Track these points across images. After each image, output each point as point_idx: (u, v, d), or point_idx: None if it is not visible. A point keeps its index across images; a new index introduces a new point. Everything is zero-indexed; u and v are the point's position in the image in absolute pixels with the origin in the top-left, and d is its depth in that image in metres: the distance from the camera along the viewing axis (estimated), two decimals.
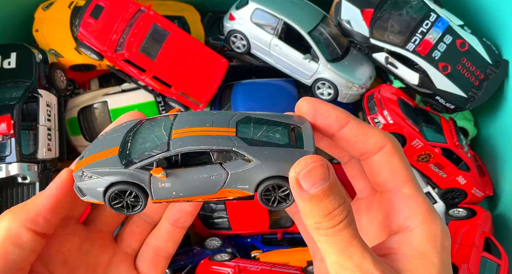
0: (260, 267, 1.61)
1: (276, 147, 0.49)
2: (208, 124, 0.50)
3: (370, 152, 0.52)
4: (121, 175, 0.49)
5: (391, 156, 0.51)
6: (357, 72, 1.85)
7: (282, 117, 0.54)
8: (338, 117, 0.52)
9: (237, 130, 0.50)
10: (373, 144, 0.51)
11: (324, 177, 0.45)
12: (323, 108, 0.52)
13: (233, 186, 0.49)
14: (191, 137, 0.49)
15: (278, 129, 0.51)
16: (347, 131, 0.52)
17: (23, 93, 1.62)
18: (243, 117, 0.52)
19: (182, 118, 0.52)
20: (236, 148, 0.48)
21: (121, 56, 1.73)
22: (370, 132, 0.51)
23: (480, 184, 1.80)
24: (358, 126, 0.51)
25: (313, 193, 0.44)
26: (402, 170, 0.51)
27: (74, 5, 1.88)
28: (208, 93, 1.86)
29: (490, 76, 1.71)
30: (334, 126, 0.52)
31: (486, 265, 1.50)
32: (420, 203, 0.49)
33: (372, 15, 1.69)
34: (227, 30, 1.89)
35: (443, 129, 1.79)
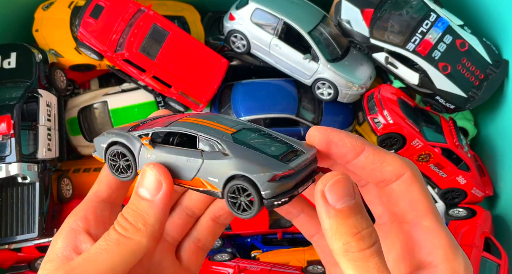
0: (260, 267, 1.61)
1: (259, 152, 0.48)
2: (216, 121, 0.52)
3: (388, 180, 0.49)
4: (122, 137, 0.54)
5: (411, 185, 0.48)
6: (357, 72, 1.85)
7: (292, 140, 0.53)
8: (353, 146, 0.49)
9: (236, 131, 0.50)
10: (391, 172, 0.48)
11: (350, 192, 0.43)
12: (336, 137, 0.50)
13: (205, 176, 0.49)
14: (191, 123, 0.51)
15: (279, 145, 0.51)
16: (363, 159, 0.49)
17: (23, 93, 1.62)
18: (254, 128, 0.53)
19: (201, 114, 0.56)
20: (220, 140, 0.48)
21: (121, 56, 1.73)
22: (387, 160, 0.48)
23: (480, 184, 1.80)
24: (374, 153, 0.49)
25: (340, 208, 0.42)
26: (422, 200, 0.48)
27: (74, 5, 1.88)
28: (208, 93, 1.86)
29: (490, 76, 1.71)
30: (349, 155, 0.49)
31: (486, 265, 1.50)
32: (442, 237, 0.46)
33: (372, 15, 1.69)
34: (227, 30, 1.89)
35: (443, 129, 1.79)
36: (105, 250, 0.47)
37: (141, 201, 0.49)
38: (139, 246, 0.48)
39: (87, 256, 0.47)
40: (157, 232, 0.49)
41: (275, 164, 0.47)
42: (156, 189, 0.49)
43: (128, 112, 1.92)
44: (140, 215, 0.48)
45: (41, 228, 1.59)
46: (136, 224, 0.48)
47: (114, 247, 0.47)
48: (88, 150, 1.95)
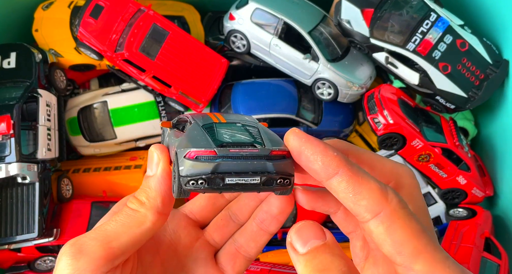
0: (260, 267, 1.61)
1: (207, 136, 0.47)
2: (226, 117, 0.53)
3: (363, 216, 0.41)
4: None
5: (391, 225, 0.40)
6: (357, 72, 1.85)
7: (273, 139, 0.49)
8: (325, 165, 0.42)
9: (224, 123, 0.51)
10: (364, 207, 0.41)
11: (318, 236, 0.40)
12: (309, 150, 0.43)
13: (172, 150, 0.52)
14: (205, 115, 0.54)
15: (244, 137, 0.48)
16: (335, 184, 0.42)
17: (22, 93, 1.62)
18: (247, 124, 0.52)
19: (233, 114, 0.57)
20: (194, 122, 0.50)
21: (121, 56, 1.73)
22: (362, 192, 0.41)
23: (480, 184, 1.80)
24: (348, 181, 0.41)
25: (305, 251, 0.40)
26: (408, 241, 0.40)
27: (73, 5, 1.87)
28: (208, 93, 1.86)
29: (490, 76, 1.71)
30: (320, 174, 0.43)
31: (486, 265, 1.50)
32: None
33: (372, 15, 1.69)
34: (227, 30, 1.89)
35: (443, 129, 1.78)
36: (114, 220, 0.50)
37: (147, 179, 0.52)
38: (144, 218, 0.50)
39: (101, 224, 0.51)
40: (160, 205, 0.50)
41: (203, 144, 0.45)
42: (156, 165, 0.51)
43: (128, 112, 1.92)
44: (144, 190, 0.51)
45: (41, 228, 1.59)
46: (141, 198, 0.51)
47: (122, 218, 0.50)
48: (88, 150, 1.95)
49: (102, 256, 0.47)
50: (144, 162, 1.90)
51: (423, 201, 0.46)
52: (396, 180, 0.48)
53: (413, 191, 0.47)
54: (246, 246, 0.61)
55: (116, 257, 0.48)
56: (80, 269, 0.46)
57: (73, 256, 0.46)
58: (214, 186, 0.44)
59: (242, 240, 0.61)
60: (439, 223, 1.83)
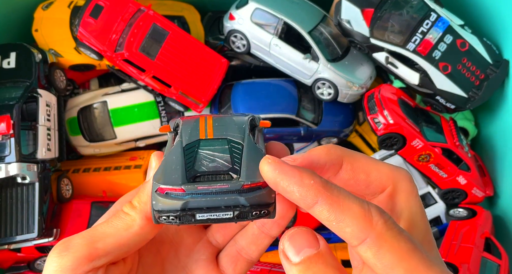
0: (260, 267, 1.61)
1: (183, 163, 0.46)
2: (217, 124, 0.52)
3: (350, 243, 0.40)
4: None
5: (379, 250, 0.39)
6: (357, 72, 1.85)
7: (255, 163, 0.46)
8: (302, 196, 0.41)
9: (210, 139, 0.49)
10: (350, 234, 0.39)
11: (311, 244, 0.39)
12: (284, 182, 0.41)
13: None
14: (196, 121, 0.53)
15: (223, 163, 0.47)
16: (317, 213, 0.41)
17: (22, 93, 1.62)
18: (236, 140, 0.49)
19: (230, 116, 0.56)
20: (179, 141, 0.49)
21: (120, 56, 1.73)
22: (344, 219, 0.39)
23: (480, 184, 1.80)
24: (329, 210, 0.40)
25: (299, 261, 0.39)
26: (398, 263, 0.39)
27: (73, 4, 1.87)
28: (208, 93, 1.86)
29: (490, 76, 1.71)
30: (300, 204, 0.42)
31: (487, 265, 1.50)
32: None
33: (372, 15, 1.69)
34: (227, 30, 1.89)
35: (443, 129, 1.78)
36: (107, 221, 0.50)
37: (144, 184, 0.51)
38: (132, 222, 0.49)
39: (95, 224, 0.51)
40: (150, 210, 0.49)
41: (175, 177, 0.44)
42: (153, 170, 0.52)
43: (128, 112, 1.92)
44: (138, 194, 0.51)
45: (41, 228, 1.59)
46: (133, 202, 0.50)
47: (113, 219, 0.50)
48: (88, 150, 1.94)
49: (84, 255, 0.47)
50: (144, 162, 1.90)
51: (420, 206, 0.45)
52: (393, 185, 0.47)
53: (409, 196, 0.45)
54: (248, 248, 0.60)
55: (98, 257, 0.48)
56: (63, 266, 0.47)
57: (59, 253, 0.48)
58: (186, 221, 0.44)
59: (243, 243, 0.60)
60: (439, 223, 1.83)
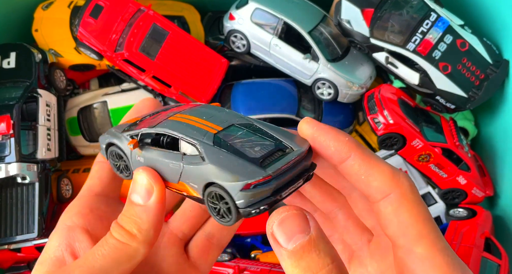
0: (260, 267, 1.61)
1: (236, 156, 0.45)
2: (205, 117, 0.50)
3: (374, 197, 0.43)
4: (116, 138, 0.54)
5: (399, 207, 0.42)
6: (357, 72, 1.85)
7: (286, 135, 0.49)
8: (337, 150, 0.44)
9: (222, 130, 0.48)
10: (375, 188, 0.42)
11: (302, 228, 0.38)
12: (321, 137, 0.45)
13: (187, 182, 0.48)
14: (178, 122, 0.49)
15: (265, 143, 0.47)
16: (348, 167, 0.44)
17: (22, 93, 1.62)
18: (245, 122, 0.50)
19: (199, 108, 0.54)
20: (199, 143, 0.46)
21: (120, 56, 1.73)
22: (373, 174, 0.42)
23: (480, 184, 1.80)
24: (360, 164, 0.43)
25: (291, 249, 0.38)
26: (413, 223, 0.42)
27: (73, 4, 1.87)
28: (208, 93, 1.86)
29: (490, 76, 1.71)
30: (333, 159, 0.44)
31: (487, 265, 1.50)
32: (437, 266, 0.41)
33: (372, 15, 1.69)
34: (227, 30, 1.89)
35: (443, 129, 1.78)
36: (101, 256, 0.45)
37: (134, 207, 0.47)
38: (135, 253, 0.46)
39: (83, 262, 0.46)
40: (153, 238, 0.47)
41: (250, 170, 0.43)
42: (147, 194, 0.47)
43: None
44: (134, 221, 0.47)
45: (41, 228, 1.59)
46: (131, 230, 0.47)
47: (111, 253, 0.45)
48: (88, 150, 1.94)
49: None
50: None
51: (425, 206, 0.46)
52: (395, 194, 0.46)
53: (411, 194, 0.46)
54: (219, 235, 0.59)
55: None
56: None
57: None
58: (274, 203, 0.45)
59: (214, 230, 0.59)
60: (439, 223, 1.83)
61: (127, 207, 0.48)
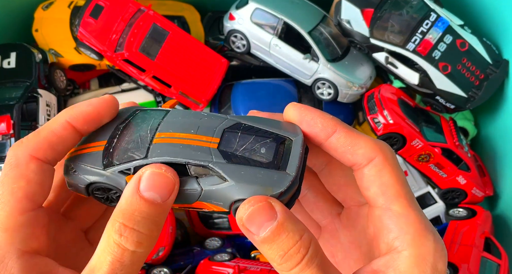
0: (260, 267, 1.61)
1: (255, 167, 0.46)
2: (192, 130, 0.48)
3: (360, 164, 0.48)
4: (100, 176, 0.49)
5: (382, 169, 0.47)
6: (357, 72, 1.85)
7: (275, 125, 0.50)
8: (324, 126, 0.48)
9: (221, 141, 0.48)
10: (361, 155, 0.47)
11: (269, 217, 0.42)
12: (308, 115, 0.49)
13: (208, 201, 0.48)
14: (170, 145, 0.47)
15: (266, 141, 0.48)
16: (334, 140, 0.48)
17: (22, 93, 1.62)
18: (233, 124, 0.50)
19: (170, 118, 0.51)
20: (212, 164, 0.46)
21: (121, 56, 1.73)
22: (359, 143, 0.47)
23: (480, 184, 1.80)
24: (346, 136, 0.47)
25: (263, 237, 0.42)
26: (393, 184, 0.47)
27: (73, 5, 1.87)
28: (208, 93, 1.86)
29: (490, 76, 1.71)
30: (321, 135, 0.48)
31: (486, 265, 1.50)
32: (411, 222, 0.45)
33: (372, 15, 1.69)
34: (227, 30, 1.89)
35: (443, 129, 1.78)
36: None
37: (150, 206, 0.44)
38: (148, 254, 0.45)
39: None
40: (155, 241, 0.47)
41: (276, 178, 0.45)
42: (168, 191, 0.46)
43: None
44: (153, 222, 0.44)
45: None
46: (151, 234, 0.44)
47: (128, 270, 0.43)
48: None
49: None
50: None
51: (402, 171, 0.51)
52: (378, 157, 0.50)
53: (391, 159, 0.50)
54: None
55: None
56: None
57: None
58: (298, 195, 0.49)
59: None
60: (439, 223, 1.83)
61: (139, 207, 0.44)
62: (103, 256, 0.43)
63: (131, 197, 0.44)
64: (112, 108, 0.53)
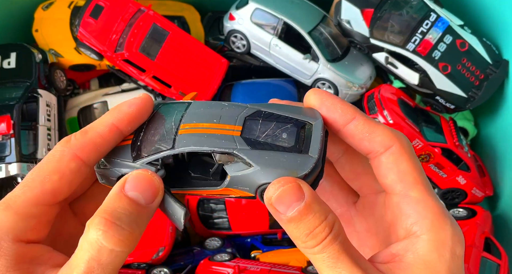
0: (260, 267, 1.61)
1: (278, 151, 0.47)
2: (215, 120, 0.50)
3: (377, 151, 0.48)
4: (130, 168, 0.50)
5: (399, 157, 0.47)
6: (357, 72, 1.85)
7: (295, 111, 0.52)
8: (343, 112, 0.49)
9: (243, 128, 0.49)
10: (379, 143, 0.48)
11: (297, 197, 0.43)
12: (329, 100, 0.50)
13: (235, 187, 0.49)
14: (195, 135, 0.48)
15: (287, 127, 0.49)
16: (352, 127, 0.49)
17: (22, 93, 1.62)
18: (253, 112, 0.52)
19: (193, 110, 0.52)
20: (237, 151, 0.47)
21: (121, 56, 1.73)
22: (376, 130, 0.48)
23: (480, 184, 1.80)
24: (364, 123, 0.48)
25: (290, 216, 0.43)
26: (410, 171, 0.47)
27: (74, 5, 1.88)
28: (208, 93, 1.86)
29: (490, 76, 1.71)
30: (340, 121, 0.49)
31: (486, 265, 1.50)
32: (429, 207, 0.46)
33: (372, 15, 1.69)
34: (227, 30, 1.89)
35: (443, 129, 1.78)
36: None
37: (133, 205, 0.45)
38: (128, 254, 0.45)
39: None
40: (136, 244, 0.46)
41: (299, 161, 0.46)
42: (152, 194, 0.46)
43: None
44: (135, 221, 0.44)
45: None
46: (132, 232, 0.44)
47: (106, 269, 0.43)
48: None
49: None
50: None
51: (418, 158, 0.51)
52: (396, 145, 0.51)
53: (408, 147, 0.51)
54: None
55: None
56: None
57: None
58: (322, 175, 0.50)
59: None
60: None
61: (122, 204, 0.44)
62: (81, 253, 0.42)
63: (116, 195, 0.45)
64: (150, 107, 0.54)
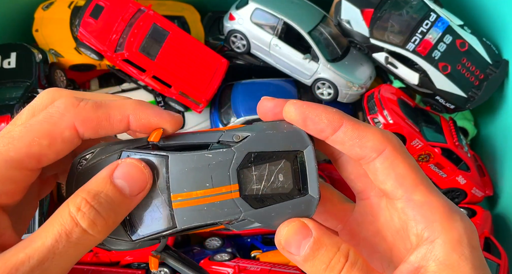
0: (260, 267, 1.61)
1: (282, 202, 0.47)
2: (207, 184, 0.46)
3: (369, 157, 0.46)
4: (132, 245, 0.48)
5: (394, 161, 0.45)
6: (357, 72, 1.85)
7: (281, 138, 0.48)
8: (330, 121, 0.46)
9: (240, 186, 0.46)
10: (370, 148, 0.46)
11: (305, 235, 0.44)
12: (312, 112, 0.47)
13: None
14: (194, 209, 0.46)
15: (281, 166, 0.47)
16: (341, 135, 0.46)
17: (23, 93, 1.62)
18: (243, 158, 0.47)
19: (176, 171, 0.46)
20: (243, 216, 0.46)
21: (121, 56, 1.73)
22: (366, 135, 0.46)
23: (480, 184, 1.80)
24: (353, 129, 0.46)
25: (304, 254, 0.44)
26: (408, 174, 0.45)
27: (74, 5, 1.88)
28: (208, 93, 1.86)
29: (490, 76, 1.71)
30: (327, 130, 0.47)
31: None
32: (435, 208, 0.44)
33: (372, 15, 1.69)
34: (227, 30, 1.89)
35: (443, 129, 1.79)
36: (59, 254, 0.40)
37: (116, 193, 0.43)
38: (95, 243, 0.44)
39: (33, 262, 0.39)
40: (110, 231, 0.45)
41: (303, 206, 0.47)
42: (139, 186, 0.45)
43: None
44: (114, 210, 0.43)
45: None
46: (108, 220, 0.42)
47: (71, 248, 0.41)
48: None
49: None
50: None
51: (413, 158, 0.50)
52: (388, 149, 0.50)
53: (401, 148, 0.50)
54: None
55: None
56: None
57: None
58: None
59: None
60: None
61: (107, 190, 0.43)
62: (50, 225, 0.40)
63: (103, 179, 0.43)
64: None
